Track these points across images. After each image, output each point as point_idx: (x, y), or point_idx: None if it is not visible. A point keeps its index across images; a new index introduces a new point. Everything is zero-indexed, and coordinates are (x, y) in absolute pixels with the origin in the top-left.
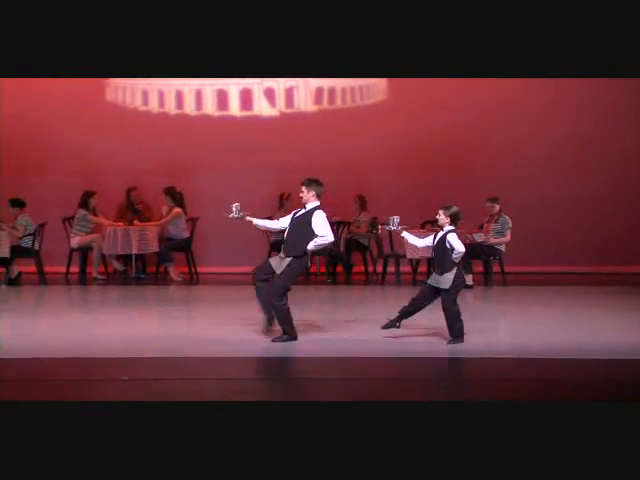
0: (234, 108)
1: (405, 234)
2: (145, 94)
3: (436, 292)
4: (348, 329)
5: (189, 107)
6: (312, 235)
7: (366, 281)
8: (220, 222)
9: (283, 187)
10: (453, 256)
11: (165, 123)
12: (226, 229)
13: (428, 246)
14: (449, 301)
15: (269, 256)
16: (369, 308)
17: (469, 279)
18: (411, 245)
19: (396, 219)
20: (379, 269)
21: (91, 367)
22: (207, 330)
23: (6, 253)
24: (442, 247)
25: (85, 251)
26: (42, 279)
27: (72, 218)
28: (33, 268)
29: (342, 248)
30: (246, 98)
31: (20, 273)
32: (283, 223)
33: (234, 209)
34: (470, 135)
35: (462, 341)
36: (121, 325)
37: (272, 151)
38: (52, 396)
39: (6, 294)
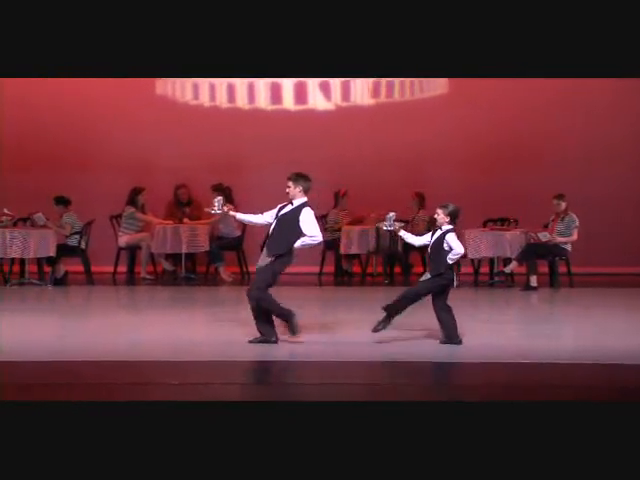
0: (288, 102)
1: (402, 233)
2: (196, 88)
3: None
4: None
5: (241, 101)
6: (298, 233)
7: None
8: None
9: (338, 184)
10: (450, 256)
11: (216, 117)
12: None
13: (425, 244)
14: (435, 303)
15: (324, 255)
16: (423, 311)
17: (533, 280)
18: (471, 244)
19: (392, 216)
20: None
21: (140, 370)
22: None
23: (52, 252)
24: (438, 247)
25: (133, 250)
26: (89, 279)
27: (120, 216)
28: (80, 268)
29: (400, 247)
30: (300, 91)
31: (66, 273)
32: (267, 217)
33: (216, 204)
34: (534, 131)
35: (459, 342)
36: (170, 327)
37: (327, 146)
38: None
39: (52, 294)
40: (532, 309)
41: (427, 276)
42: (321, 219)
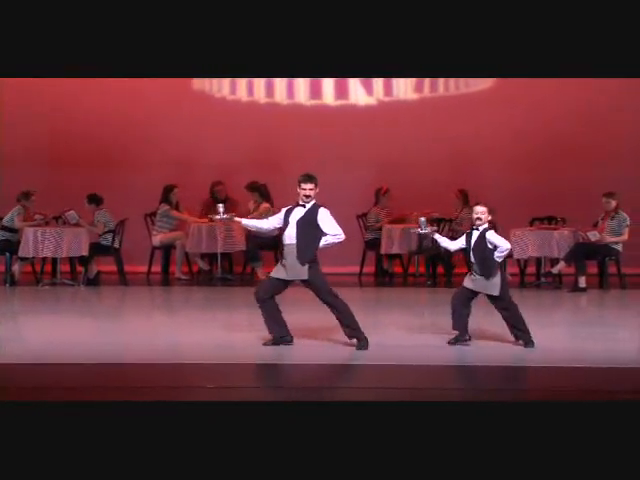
0: (328, 97)
1: (437, 236)
2: (233, 83)
3: (472, 296)
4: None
5: (280, 96)
6: (321, 234)
7: None
8: None
9: (380, 181)
10: (497, 254)
11: (254, 113)
12: None
13: (462, 248)
14: (506, 303)
15: (364, 255)
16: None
17: (582, 281)
18: (517, 244)
19: (424, 220)
20: None
21: (176, 374)
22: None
23: (85, 251)
24: (483, 248)
25: (168, 249)
26: (122, 279)
27: (154, 214)
28: (113, 267)
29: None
30: (341, 86)
31: (99, 273)
32: (274, 222)
33: (221, 210)
34: (583, 129)
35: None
36: (206, 329)
37: (368, 143)
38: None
39: (85, 295)
40: (581, 311)
41: (478, 282)
42: (361, 218)
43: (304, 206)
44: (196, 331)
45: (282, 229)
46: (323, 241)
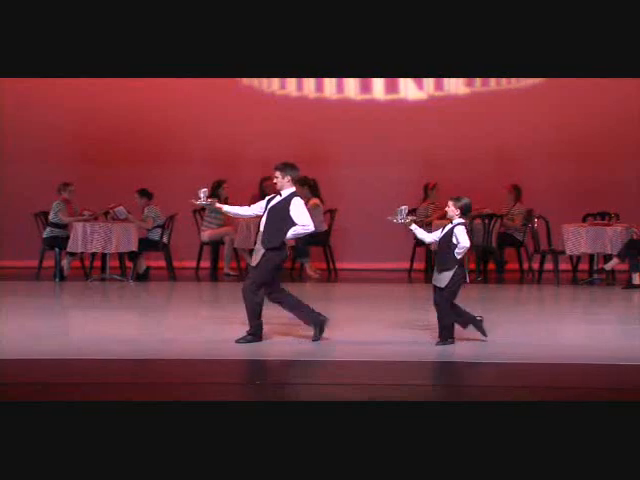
0: (378, 91)
1: (413, 227)
2: (282, 78)
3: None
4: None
5: (329, 90)
6: (291, 224)
7: (521, 280)
8: (362, 214)
9: (429, 177)
10: (456, 251)
11: (304, 108)
12: (368, 222)
13: (435, 240)
14: (442, 300)
15: (414, 251)
16: (521, 310)
17: (636, 278)
18: (570, 240)
19: (404, 209)
20: (535, 266)
21: (224, 369)
22: (345, 331)
23: (134, 247)
24: (447, 241)
25: (216, 245)
26: (171, 274)
27: (203, 210)
28: (161, 263)
29: (494, 243)
30: (391, 81)
31: (148, 268)
32: (256, 210)
33: (201, 195)
34: (638, 123)
35: (452, 342)
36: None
37: (418, 138)
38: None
39: (134, 291)
40: (634, 308)
41: (434, 274)
42: (410, 213)
43: (280, 195)
44: (244, 327)
45: (261, 217)
46: (292, 231)
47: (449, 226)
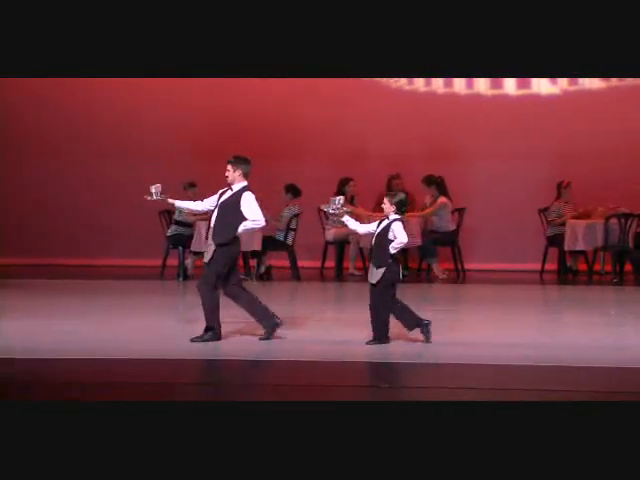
0: (509, 86)
1: (346, 218)
2: None
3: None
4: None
5: (459, 86)
6: (241, 219)
7: None
8: (491, 213)
9: (562, 174)
10: (392, 246)
11: (432, 104)
12: (498, 221)
13: (370, 233)
14: (375, 297)
15: (546, 252)
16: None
17: None
18: None
19: (338, 200)
20: None
21: (345, 372)
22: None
23: (258, 246)
24: (383, 237)
25: (342, 245)
26: (295, 274)
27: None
28: (284, 262)
29: (630, 244)
30: None
31: (270, 267)
32: (207, 204)
33: (153, 190)
34: None
35: (386, 342)
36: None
37: (551, 135)
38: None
39: (257, 290)
40: None
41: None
42: (543, 212)
43: (231, 189)
44: (367, 330)
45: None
46: (242, 226)
47: (386, 222)
